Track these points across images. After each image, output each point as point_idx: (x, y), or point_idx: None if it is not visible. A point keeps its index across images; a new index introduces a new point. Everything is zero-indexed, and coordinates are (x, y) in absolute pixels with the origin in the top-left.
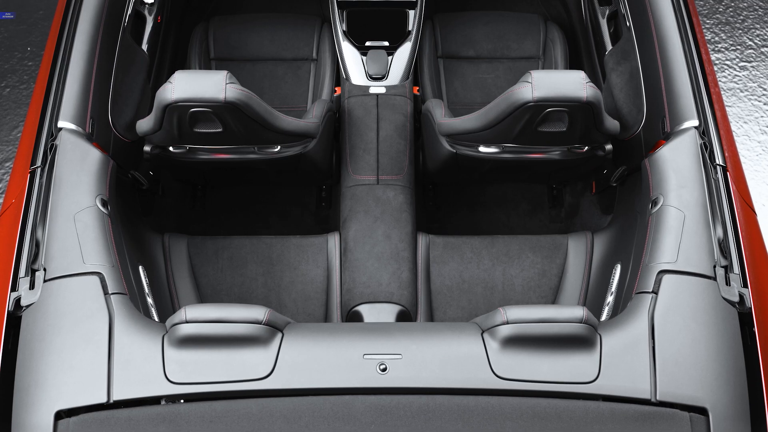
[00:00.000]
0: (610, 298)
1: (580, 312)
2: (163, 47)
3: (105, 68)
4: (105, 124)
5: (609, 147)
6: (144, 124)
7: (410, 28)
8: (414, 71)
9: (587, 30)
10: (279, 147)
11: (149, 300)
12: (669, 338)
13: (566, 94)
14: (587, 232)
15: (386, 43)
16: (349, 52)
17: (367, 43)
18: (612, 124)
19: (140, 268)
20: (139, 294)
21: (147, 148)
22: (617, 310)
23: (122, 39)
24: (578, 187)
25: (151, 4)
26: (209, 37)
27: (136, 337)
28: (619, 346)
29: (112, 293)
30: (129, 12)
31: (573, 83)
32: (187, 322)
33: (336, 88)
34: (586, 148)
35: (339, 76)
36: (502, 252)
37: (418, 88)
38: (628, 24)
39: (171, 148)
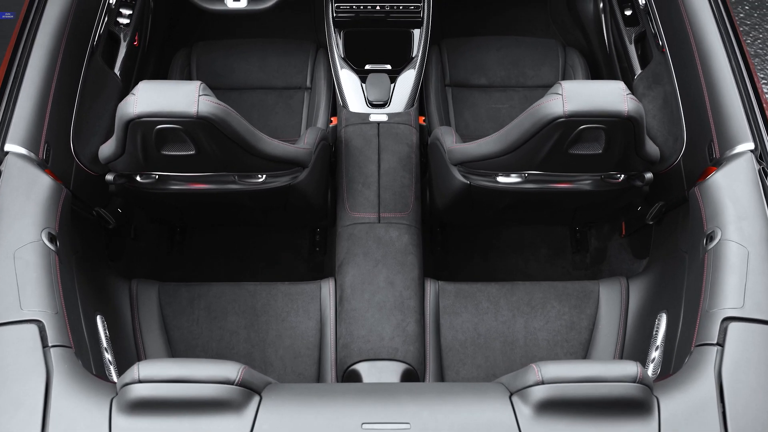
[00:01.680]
0: (655, 354)
1: (632, 369)
2: (141, 73)
3: (67, 89)
4: (65, 151)
5: (649, 176)
6: (106, 149)
7: (415, 50)
8: (419, 100)
9: (611, 54)
10: (264, 176)
11: (107, 356)
12: (742, 400)
13: (604, 107)
14: (621, 277)
15: (388, 67)
16: (346, 77)
17: (367, 67)
18: (653, 148)
19: (98, 317)
20: (92, 348)
21: (110, 177)
22: (668, 366)
23: (91, 60)
24: (605, 230)
25: (126, 24)
26: (192, 63)
27: (78, 400)
28: (681, 411)
29: (53, 346)
30: (100, 31)
31: (611, 95)
32: (140, 381)
33: (332, 119)
34: (622, 177)
35: (335, 105)
36: (523, 301)
37: (424, 118)
38: (660, 43)
39: (138, 178)
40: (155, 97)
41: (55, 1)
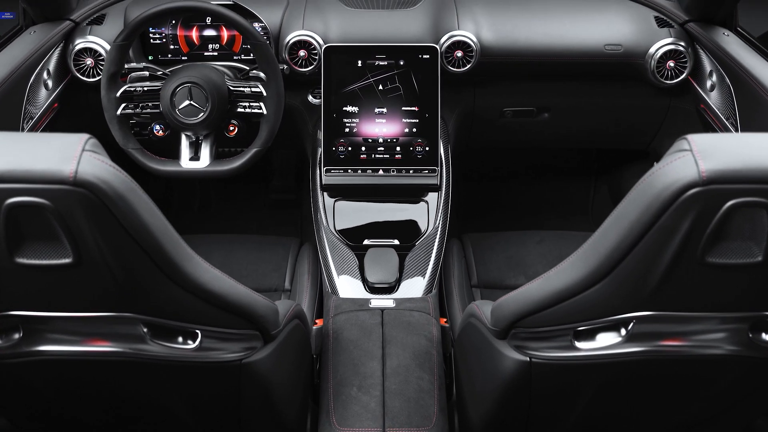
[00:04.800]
0: None
1: None
2: None
3: None
4: None
5: None
6: None
7: (433, 219)
8: (438, 292)
9: None
10: (199, 338)
11: None
12: None
13: (765, 164)
14: None
15: (396, 242)
16: (337, 256)
17: (366, 242)
18: None
19: None
20: None
21: None
22: None
23: None
24: None
25: None
26: None
27: None
28: None
29: None
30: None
31: None
32: None
33: (317, 320)
34: None
35: (321, 305)
36: None
37: (445, 320)
38: None
39: None
40: (10, 148)
41: None
